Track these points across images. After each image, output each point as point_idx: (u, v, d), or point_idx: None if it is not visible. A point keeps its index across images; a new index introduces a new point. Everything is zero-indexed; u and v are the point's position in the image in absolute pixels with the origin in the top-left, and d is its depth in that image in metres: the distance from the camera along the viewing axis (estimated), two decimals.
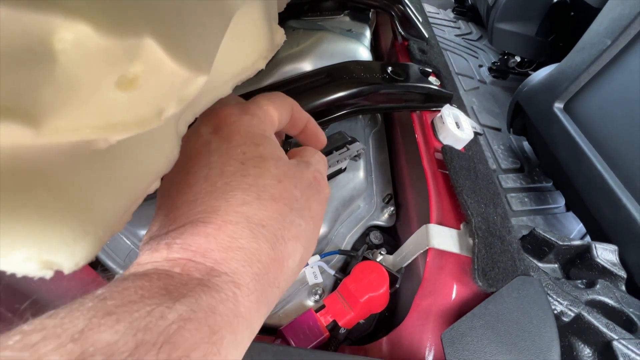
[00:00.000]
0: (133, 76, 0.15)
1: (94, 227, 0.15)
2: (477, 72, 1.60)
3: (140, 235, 0.30)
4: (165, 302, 0.12)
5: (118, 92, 0.15)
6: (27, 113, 0.12)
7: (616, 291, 0.46)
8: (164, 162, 0.22)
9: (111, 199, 0.16)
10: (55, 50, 0.12)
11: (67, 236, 0.13)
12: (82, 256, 0.14)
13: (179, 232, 0.15)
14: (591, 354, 0.40)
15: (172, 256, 0.15)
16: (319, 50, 0.38)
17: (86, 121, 0.14)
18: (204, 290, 0.13)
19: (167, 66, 0.16)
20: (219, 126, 0.19)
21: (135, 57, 0.14)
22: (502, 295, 0.27)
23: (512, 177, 1.15)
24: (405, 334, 0.28)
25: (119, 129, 0.15)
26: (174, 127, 0.23)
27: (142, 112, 0.16)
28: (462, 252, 0.31)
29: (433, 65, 0.48)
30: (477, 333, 0.24)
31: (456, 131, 0.39)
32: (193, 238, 0.15)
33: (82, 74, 0.13)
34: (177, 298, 0.12)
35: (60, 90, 0.13)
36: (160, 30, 0.15)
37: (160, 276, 0.13)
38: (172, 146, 0.23)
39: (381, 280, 0.31)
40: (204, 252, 0.15)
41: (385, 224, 0.42)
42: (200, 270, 0.14)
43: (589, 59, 0.85)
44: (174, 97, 0.17)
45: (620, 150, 0.79)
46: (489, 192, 0.34)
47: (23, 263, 0.12)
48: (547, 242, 0.51)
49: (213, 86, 0.26)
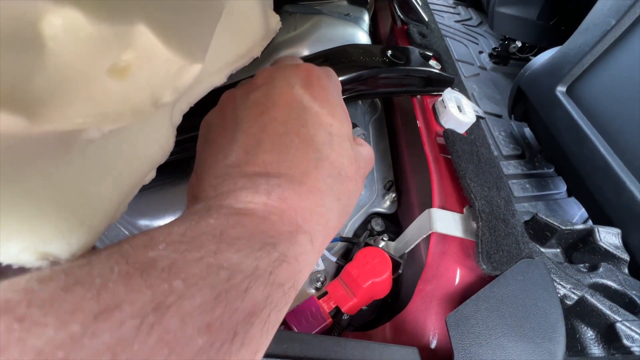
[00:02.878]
0: (125, 64, 0.14)
1: (90, 218, 0.14)
2: (477, 58, 1.58)
3: (138, 225, 0.30)
4: (268, 244, 0.15)
5: (111, 80, 0.14)
6: (19, 102, 0.12)
7: (619, 274, 0.46)
8: (159, 152, 0.21)
9: (106, 189, 0.16)
10: (44, 36, 0.12)
11: (62, 227, 0.13)
12: (78, 247, 0.14)
13: (276, 183, 0.17)
14: (594, 336, 0.40)
15: (271, 203, 0.16)
16: (317, 35, 0.37)
17: (79, 110, 0.14)
18: (291, 242, 0.16)
19: (160, 54, 0.15)
20: (310, 84, 0.20)
21: (127, 44, 0.14)
22: (507, 278, 0.27)
23: (513, 163, 1.15)
24: (409, 318, 0.28)
25: (112, 119, 0.15)
26: (169, 116, 0.22)
27: (136, 101, 0.16)
28: (466, 236, 0.31)
29: (433, 49, 0.47)
30: (482, 316, 0.24)
31: (458, 115, 0.38)
32: (289, 194, 0.17)
33: (73, 61, 0.13)
34: (275, 243, 0.15)
35: (51, 78, 0.12)
36: (152, 17, 0.14)
37: (261, 220, 0.15)
38: (167, 136, 0.22)
39: (384, 266, 0.31)
40: (296, 210, 0.17)
41: (386, 210, 0.42)
42: (291, 224, 0.16)
43: (592, 40, 0.83)
44: (169, 85, 0.17)
45: (624, 133, 0.78)
46: (492, 175, 0.34)
47: (19, 254, 0.12)
48: (549, 226, 0.51)
49: (207, 74, 0.26)
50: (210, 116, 0.22)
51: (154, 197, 0.30)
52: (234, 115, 0.19)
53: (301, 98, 0.19)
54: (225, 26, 0.24)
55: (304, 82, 0.20)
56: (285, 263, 0.15)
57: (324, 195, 0.18)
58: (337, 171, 0.19)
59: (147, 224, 0.30)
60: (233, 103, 0.20)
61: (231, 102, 0.20)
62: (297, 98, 0.19)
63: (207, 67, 0.26)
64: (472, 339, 0.23)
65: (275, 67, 0.21)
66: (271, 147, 0.18)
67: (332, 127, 0.19)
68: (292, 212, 0.17)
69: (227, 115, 0.20)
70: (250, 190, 0.16)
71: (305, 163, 0.18)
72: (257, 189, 0.16)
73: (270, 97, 0.19)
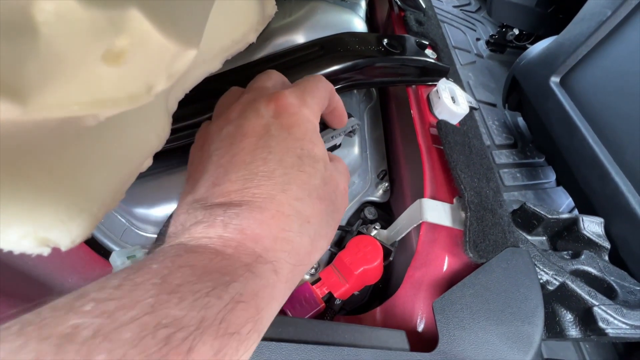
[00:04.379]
0: (119, 50, 0.14)
1: (89, 205, 0.15)
2: (474, 45, 1.57)
3: (135, 213, 0.30)
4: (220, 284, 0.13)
5: (105, 66, 0.14)
6: (12, 88, 0.12)
7: (599, 261, 0.49)
8: (155, 140, 0.21)
9: (104, 177, 0.16)
10: (36, 21, 0.12)
11: (62, 213, 0.13)
12: (78, 233, 0.14)
13: (235, 212, 0.16)
14: (573, 319, 0.43)
15: (227, 236, 0.15)
16: (312, 22, 0.37)
17: (73, 97, 0.14)
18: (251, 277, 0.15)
19: (154, 39, 0.15)
20: (280, 113, 0.20)
21: (121, 29, 0.14)
22: (492, 266, 0.28)
23: (505, 153, 1.16)
24: (398, 303, 0.30)
25: (107, 106, 0.15)
26: (164, 103, 0.22)
27: (131, 88, 0.16)
28: (455, 225, 0.32)
29: (430, 37, 0.47)
30: (466, 301, 0.26)
31: (452, 106, 0.39)
32: (248, 222, 0.16)
33: (66, 47, 0.13)
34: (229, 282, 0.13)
35: (45, 65, 0.12)
36: (146, 2, 0.14)
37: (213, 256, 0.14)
38: (162, 123, 0.22)
39: (375, 253, 0.31)
40: (256, 238, 0.16)
41: (379, 199, 0.43)
42: (249, 255, 0.15)
43: (587, 31, 0.83)
44: (164, 72, 0.17)
45: (613, 124, 0.79)
46: (482, 166, 0.34)
47: (19, 240, 0.12)
48: (536, 215, 0.52)
49: (202, 60, 0.26)
50: (193, 151, 0.22)
51: (151, 184, 0.30)
52: (208, 149, 0.20)
53: (270, 127, 0.19)
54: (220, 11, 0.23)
55: (274, 112, 0.20)
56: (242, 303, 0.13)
57: (289, 220, 0.17)
58: (307, 193, 0.18)
59: (143, 212, 0.30)
60: (209, 137, 0.20)
61: (207, 138, 0.21)
62: (266, 127, 0.19)
63: (202, 53, 0.25)
64: (456, 323, 0.25)
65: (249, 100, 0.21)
66: (236, 177, 0.17)
67: (302, 151, 0.19)
68: (250, 242, 0.16)
69: (203, 150, 0.20)
70: (206, 224, 0.16)
71: (270, 188, 0.17)
72: (214, 222, 0.16)
73: (240, 129, 0.19)
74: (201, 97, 0.27)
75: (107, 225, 0.31)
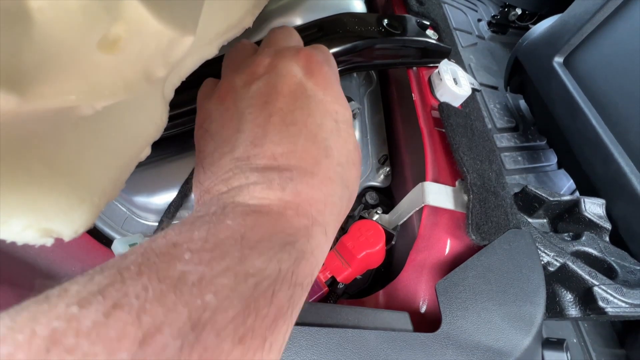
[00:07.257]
0: (115, 37, 0.14)
1: (89, 195, 0.15)
2: (475, 27, 1.53)
3: (135, 201, 0.30)
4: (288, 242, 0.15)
5: (101, 54, 0.14)
6: (8, 78, 0.11)
7: (600, 242, 0.49)
8: (153, 128, 0.21)
9: (103, 166, 0.16)
10: (30, 8, 0.11)
11: (63, 203, 0.13)
12: (80, 223, 0.14)
13: (288, 177, 0.17)
14: (573, 299, 0.43)
15: (286, 198, 0.16)
16: (310, 3, 0.36)
17: (70, 86, 0.14)
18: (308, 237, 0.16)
19: (151, 26, 0.15)
20: (311, 71, 0.20)
21: (116, 16, 0.13)
22: (494, 248, 0.28)
23: (506, 136, 1.15)
24: (401, 286, 0.30)
25: (104, 95, 0.15)
26: (161, 91, 0.22)
27: (128, 76, 0.16)
28: (457, 208, 0.32)
29: (431, 17, 0.46)
30: (469, 282, 0.26)
31: (454, 87, 0.38)
32: (303, 187, 0.17)
33: (61, 34, 0.12)
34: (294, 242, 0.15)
35: (41, 53, 0.12)
36: None
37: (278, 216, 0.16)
38: (160, 111, 0.22)
39: (378, 237, 0.32)
40: (310, 202, 0.17)
41: (381, 184, 0.43)
42: (307, 217, 0.17)
43: (594, 8, 0.81)
44: (160, 59, 0.17)
45: (617, 104, 0.78)
46: (484, 149, 0.34)
47: (23, 231, 0.12)
48: (538, 198, 0.52)
49: (198, 46, 0.25)
50: (210, 106, 0.21)
51: (150, 173, 0.30)
52: (235, 106, 0.19)
53: (305, 86, 0.19)
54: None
55: (306, 70, 0.20)
56: (304, 260, 0.15)
57: (335, 185, 0.18)
58: (345, 159, 0.19)
59: (144, 200, 0.30)
60: (234, 93, 0.19)
61: (231, 92, 0.20)
62: (301, 87, 0.19)
63: (198, 39, 0.25)
64: (458, 304, 0.25)
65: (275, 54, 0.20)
66: (279, 139, 0.17)
67: (337, 115, 0.19)
68: (306, 206, 0.17)
69: (229, 106, 0.19)
70: (264, 186, 0.16)
71: (315, 153, 0.17)
72: (271, 184, 0.16)
73: (274, 87, 0.19)
74: (198, 83, 0.26)
75: (108, 214, 0.31)
